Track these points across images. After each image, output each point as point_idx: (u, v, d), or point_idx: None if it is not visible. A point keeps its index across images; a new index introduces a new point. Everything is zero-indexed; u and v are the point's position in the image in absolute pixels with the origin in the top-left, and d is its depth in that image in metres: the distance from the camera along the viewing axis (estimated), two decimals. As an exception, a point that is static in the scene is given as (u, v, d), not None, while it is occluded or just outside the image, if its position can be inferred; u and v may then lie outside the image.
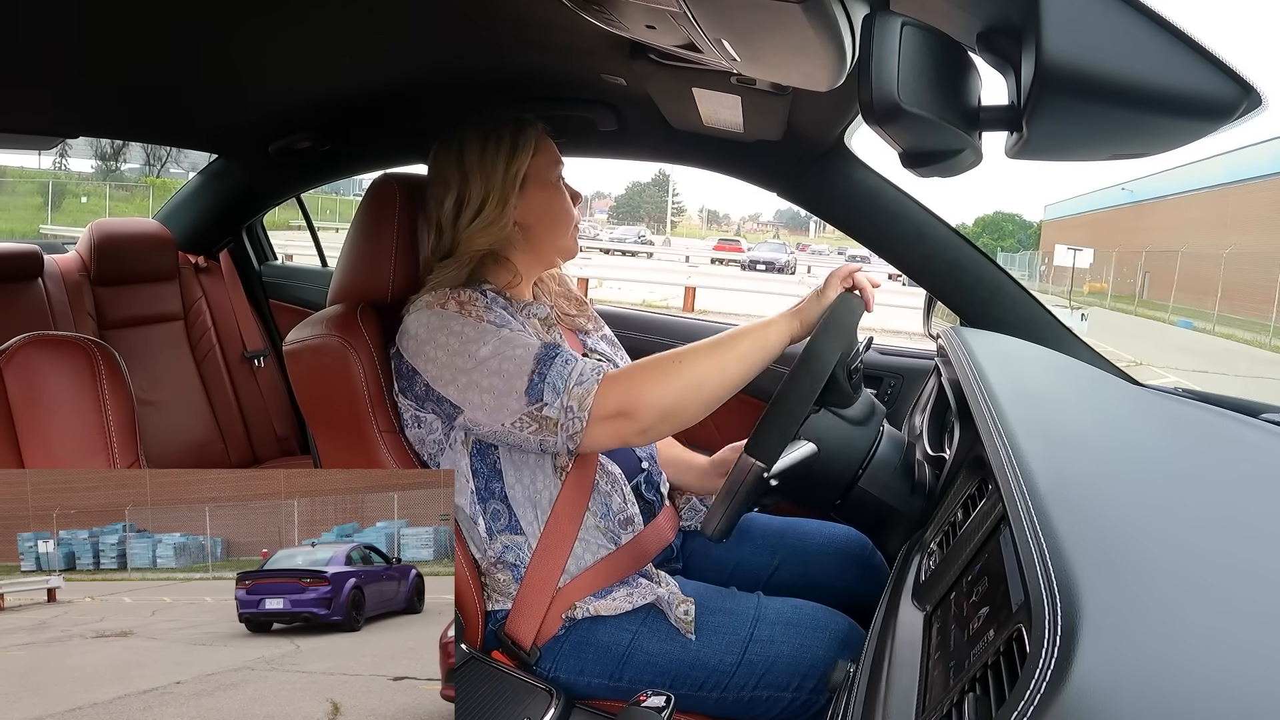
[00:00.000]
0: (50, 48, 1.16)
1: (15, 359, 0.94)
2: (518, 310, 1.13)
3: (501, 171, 1.12)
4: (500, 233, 1.12)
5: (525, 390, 0.98)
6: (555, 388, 0.97)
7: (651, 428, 0.99)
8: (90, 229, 2.07)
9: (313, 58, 1.36)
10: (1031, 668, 0.40)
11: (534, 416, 0.98)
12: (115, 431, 0.97)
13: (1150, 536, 0.58)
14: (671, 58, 1.04)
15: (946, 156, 0.59)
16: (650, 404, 0.97)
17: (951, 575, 0.69)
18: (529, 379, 0.98)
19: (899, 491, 1.01)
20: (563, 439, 0.98)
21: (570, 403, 0.97)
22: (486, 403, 1.00)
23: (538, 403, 0.98)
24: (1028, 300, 1.37)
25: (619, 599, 1.07)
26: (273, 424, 2.28)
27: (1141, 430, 0.93)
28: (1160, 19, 0.47)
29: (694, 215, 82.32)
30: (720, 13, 0.69)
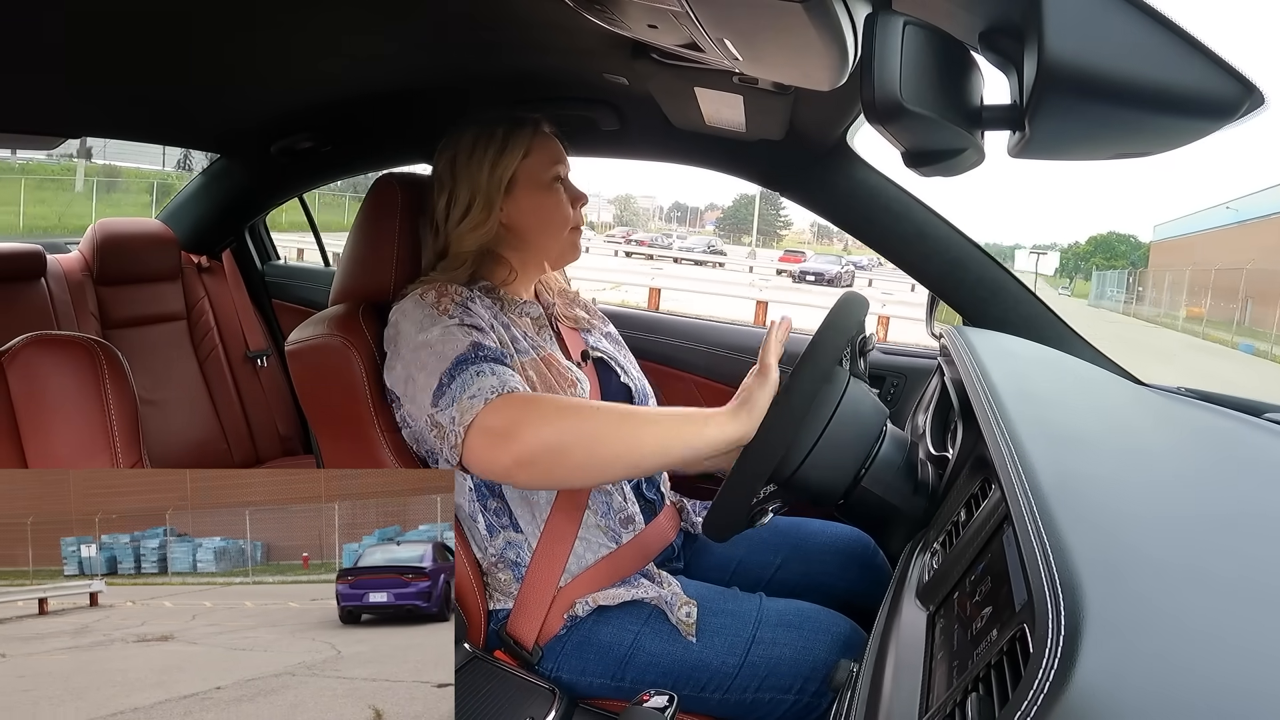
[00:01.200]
0: (52, 47, 1.16)
1: (18, 358, 0.94)
2: (510, 309, 1.13)
3: (486, 173, 1.12)
4: (486, 235, 1.12)
5: (433, 391, 0.95)
6: (453, 396, 0.93)
7: (530, 461, 0.88)
8: (93, 229, 2.07)
9: (315, 58, 1.36)
10: (1035, 668, 0.40)
11: (433, 421, 0.95)
12: (118, 431, 0.97)
13: (1153, 536, 0.58)
14: (673, 57, 1.04)
15: (949, 156, 0.59)
16: (535, 434, 0.88)
17: (954, 575, 0.69)
18: (439, 380, 0.95)
19: (902, 491, 1.01)
20: (447, 449, 0.92)
21: (455, 413, 0.91)
22: (413, 396, 0.99)
23: (434, 407, 0.94)
24: (1030, 299, 1.37)
25: (620, 593, 1.07)
26: (275, 424, 2.28)
27: (1144, 429, 0.92)
28: (1162, 18, 0.46)
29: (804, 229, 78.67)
30: (722, 12, 0.69)
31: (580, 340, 1.23)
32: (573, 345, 1.20)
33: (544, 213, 1.15)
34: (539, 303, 1.20)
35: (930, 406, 1.29)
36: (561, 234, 1.16)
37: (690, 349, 1.81)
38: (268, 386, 2.28)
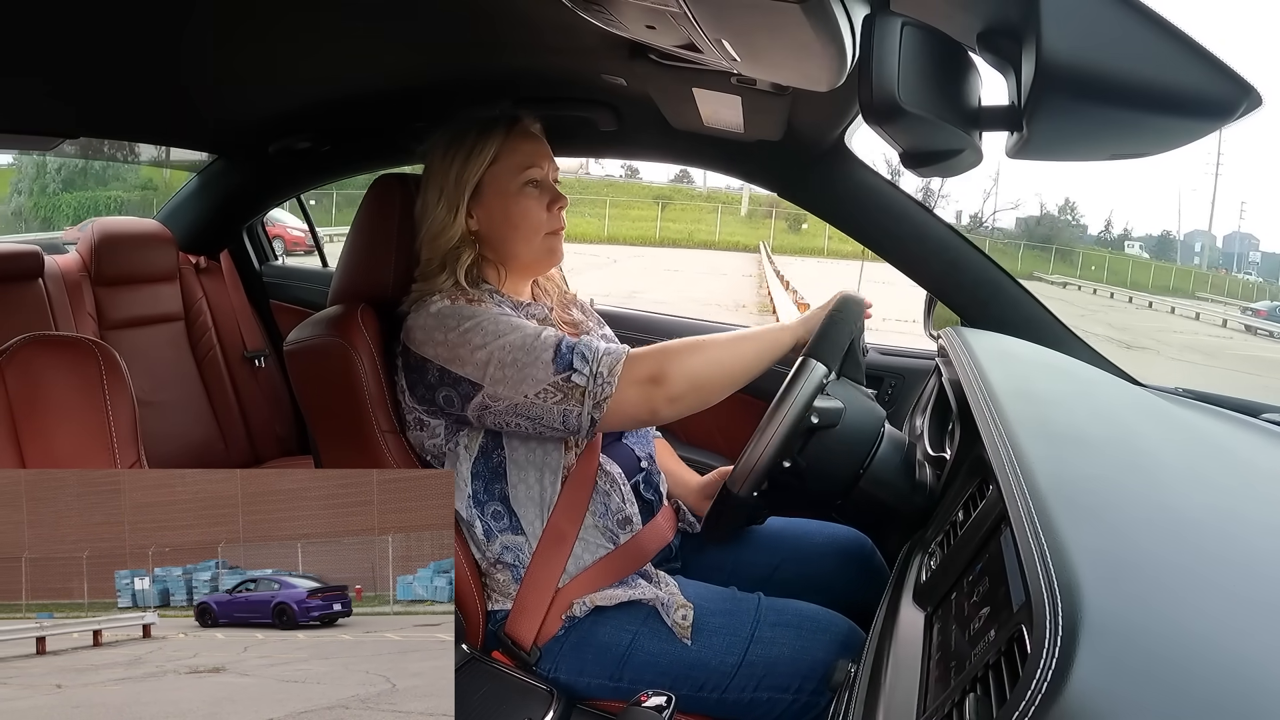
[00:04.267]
0: (51, 47, 1.16)
1: (16, 359, 0.94)
2: (517, 311, 1.13)
3: (453, 178, 1.12)
4: (448, 242, 1.12)
5: (552, 360, 1.00)
6: (584, 356, 1.00)
7: (682, 396, 1.01)
8: (90, 229, 2.07)
9: (313, 58, 1.36)
10: (1032, 668, 0.40)
11: (560, 386, 1.00)
12: (117, 432, 0.97)
13: (1151, 536, 0.58)
14: (672, 58, 1.04)
15: (947, 156, 0.59)
16: (681, 371, 1.00)
17: (952, 575, 0.69)
18: (555, 350, 1.00)
19: (900, 491, 1.01)
20: (589, 407, 0.99)
21: (600, 369, 0.99)
22: (508, 375, 1.00)
23: (565, 370, 1.00)
24: (1028, 300, 1.37)
25: (617, 594, 1.07)
26: (273, 424, 2.28)
27: (1142, 430, 0.93)
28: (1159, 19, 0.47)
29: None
30: (720, 13, 0.69)
31: (579, 341, 1.23)
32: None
33: (513, 218, 1.13)
34: (540, 305, 1.20)
35: (928, 407, 1.29)
36: (534, 239, 1.14)
37: None
38: (265, 387, 2.28)
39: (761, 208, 30.75)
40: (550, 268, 1.23)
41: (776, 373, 1.07)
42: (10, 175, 19.94)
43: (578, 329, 1.24)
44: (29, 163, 19.03)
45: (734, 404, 1.12)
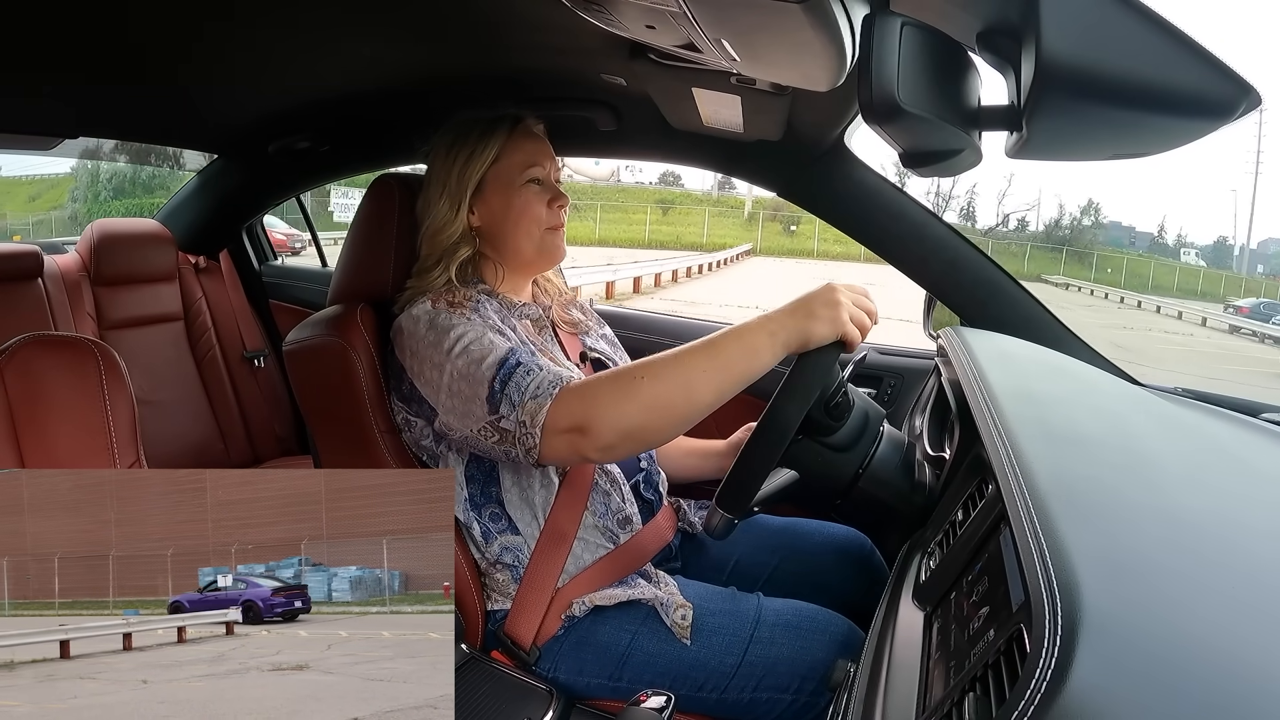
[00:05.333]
0: (51, 48, 1.16)
1: (15, 359, 0.94)
2: (510, 311, 1.13)
3: (456, 175, 1.13)
4: (452, 237, 1.13)
5: (486, 399, 0.96)
6: (511, 400, 0.95)
7: (613, 446, 0.94)
8: (90, 229, 2.07)
9: (313, 58, 1.36)
10: (1032, 667, 0.40)
11: (494, 427, 0.96)
12: (116, 432, 0.97)
13: (1150, 536, 0.58)
14: (671, 58, 1.04)
15: (946, 156, 0.59)
16: (608, 422, 0.91)
17: (952, 575, 0.69)
18: (489, 387, 0.96)
19: (899, 491, 1.01)
20: (521, 452, 0.96)
21: (524, 417, 0.94)
22: (456, 407, 1.00)
23: (495, 414, 0.96)
24: (1027, 300, 1.37)
25: (616, 594, 1.07)
26: (272, 424, 2.28)
27: (1142, 430, 0.93)
28: (1158, 19, 0.47)
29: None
30: (720, 12, 0.69)
31: (578, 342, 1.23)
32: (570, 347, 1.20)
33: (513, 213, 1.14)
34: (537, 305, 1.20)
35: (927, 407, 1.29)
36: (535, 234, 1.15)
37: None
38: (265, 387, 2.28)
39: (765, 210, 31.45)
40: (550, 266, 1.23)
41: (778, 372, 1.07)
42: (69, 183, 22.42)
43: (577, 329, 1.24)
44: (84, 172, 21.13)
45: (737, 404, 1.11)
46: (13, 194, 21.83)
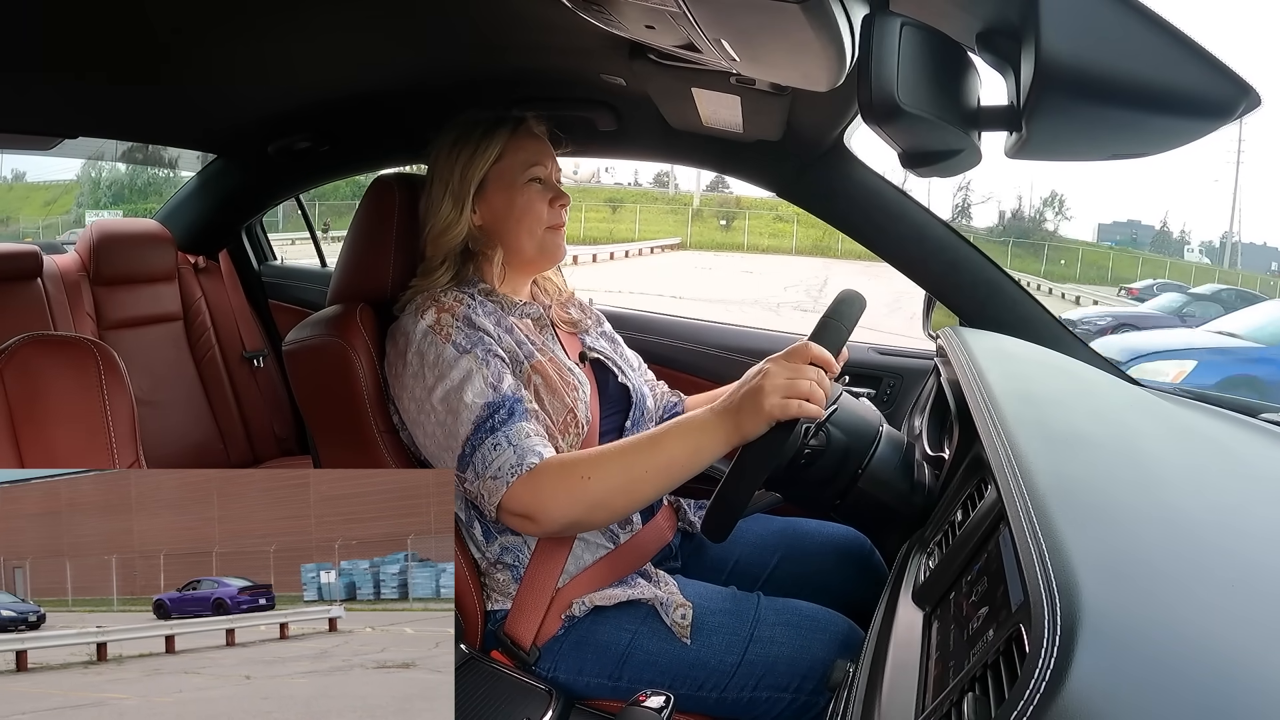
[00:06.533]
0: (50, 47, 1.16)
1: (15, 359, 0.94)
2: (510, 310, 1.13)
3: (459, 174, 1.13)
4: (457, 236, 1.13)
5: (458, 455, 1.01)
6: (477, 470, 1.00)
7: (558, 532, 1.04)
8: (89, 229, 2.07)
9: (312, 58, 1.36)
10: (1031, 668, 0.40)
11: (459, 477, 1.02)
12: (115, 432, 0.97)
13: (1150, 536, 0.58)
14: (671, 58, 1.04)
15: (946, 156, 0.60)
16: (553, 516, 0.99)
17: (951, 575, 0.69)
18: (464, 444, 1.01)
19: (898, 491, 1.01)
20: (484, 505, 1.01)
21: (484, 490, 1.00)
22: (428, 446, 1.06)
23: (462, 473, 1.01)
24: (1027, 300, 1.37)
25: (616, 594, 1.07)
26: (272, 424, 2.28)
27: (1141, 430, 0.93)
28: (1158, 19, 0.47)
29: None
30: (719, 13, 0.69)
31: (578, 341, 1.23)
32: (570, 346, 1.20)
33: (515, 212, 1.14)
34: (537, 304, 1.20)
35: (927, 407, 1.29)
36: (536, 233, 1.15)
37: (687, 349, 1.80)
38: (264, 387, 2.28)
39: (709, 208, 33.70)
40: (551, 265, 1.23)
41: None
42: (75, 190, 23.93)
43: (577, 328, 1.24)
44: (86, 180, 22.96)
45: None
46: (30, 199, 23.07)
